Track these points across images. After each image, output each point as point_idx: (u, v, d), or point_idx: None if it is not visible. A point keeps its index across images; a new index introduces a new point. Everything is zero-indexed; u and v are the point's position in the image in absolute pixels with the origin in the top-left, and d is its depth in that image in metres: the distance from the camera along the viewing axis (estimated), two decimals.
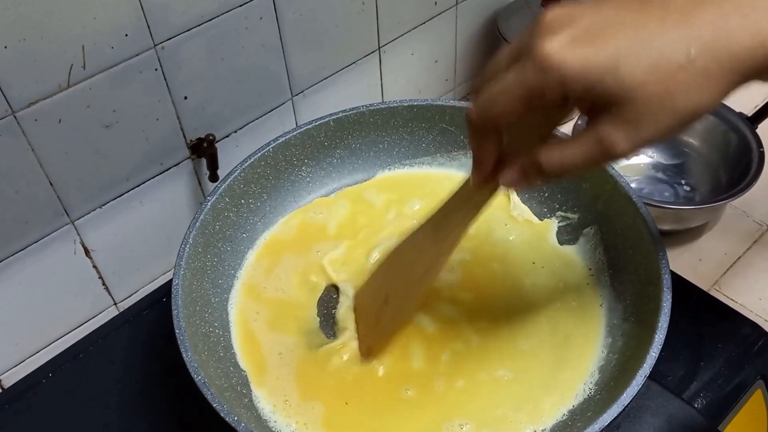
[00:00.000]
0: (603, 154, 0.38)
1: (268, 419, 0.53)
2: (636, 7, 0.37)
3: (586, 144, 0.38)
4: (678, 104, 0.36)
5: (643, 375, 0.47)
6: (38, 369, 0.62)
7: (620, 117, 0.36)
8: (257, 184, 0.64)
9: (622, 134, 0.36)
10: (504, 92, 0.38)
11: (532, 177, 0.41)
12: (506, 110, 0.38)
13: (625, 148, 0.37)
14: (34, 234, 0.59)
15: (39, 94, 0.53)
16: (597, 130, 0.37)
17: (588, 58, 0.35)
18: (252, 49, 0.65)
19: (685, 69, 0.35)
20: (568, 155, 0.39)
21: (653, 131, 0.36)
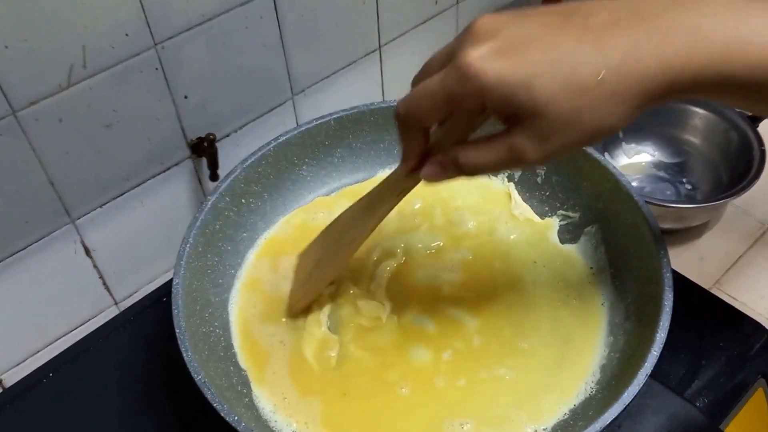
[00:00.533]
0: (513, 160, 0.41)
1: (268, 419, 0.53)
2: (558, 23, 0.39)
3: (500, 149, 0.41)
4: (585, 122, 0.38)
5: (645, 374, 0.47)
6: (39, 368, 0.62)
7: (531, 129, 0.39)
8: (258, 183, 0.64)
9: (532, 145, 0.39)
10: (428, 94, 0.40)
11: (449, 172, 0.44)
12: (428, 111, 0.41)
13: (534, 157, 0.40)
14: (34, 234, 0.59)
15: (40, 94, 0.53)
16: (510, 138, 0.40)
17: (505, 72, 0.37)
18: (252, 48, 0.65)
19: (594, 90, 0.37)
20: (483, 157, 0.42)
21: (560, 145, 0.39)
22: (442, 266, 0.62)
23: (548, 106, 0.38)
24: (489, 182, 0.68)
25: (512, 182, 0.68)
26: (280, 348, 0.57)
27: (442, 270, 0.61)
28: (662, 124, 0.81)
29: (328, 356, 0.56)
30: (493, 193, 0.67)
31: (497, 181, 0.68)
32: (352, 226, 0.55)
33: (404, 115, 0.43)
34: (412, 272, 0.61)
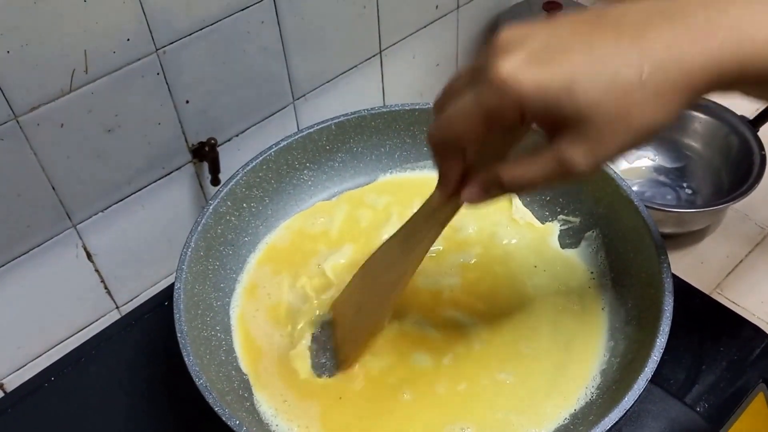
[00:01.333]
0: (563, 173, 0.38)
1: (269, 423, 0.53)
2: (589, 26, 0.37)
3: (547, 162, 0.39)
4: (633, 122, 0.37)
5: (645, 379, 0.47)
6: (40, 373, 0.62)
7: (578, 136, 0.37)
8: (259, 187, 0.64)
9: (581, 153, 0.37)
10: (463, 113, 0.39)
11: (492, 192, 0.42)
12: (466, 131, 0.39)
13: (585, 166, 0.38)
14: (36, 238, 0.59)
15: (41, 99, 0.53)
16: (557, 149, 0.38)
17: (543, 79, 0.36)
18: (253, 53, 0.65)
19: (638, 88, 0.36)
20: (529, 172, 0.40)
21: (611, 149, 0.37)
22: (443, 271, 0.62)
23: (594, 108, 0.36)
24: None
25: None
26: (278, 353, 0.57)
27: (442, 275, 0.61)
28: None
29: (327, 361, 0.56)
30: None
31: None
32: (391, 266, 0.51)
33: (440, 140, 0.41)
34: (413, 278, 0.61)
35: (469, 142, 0.40)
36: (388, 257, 0.52)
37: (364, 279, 0.55)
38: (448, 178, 0.44)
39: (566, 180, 0.39)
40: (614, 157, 0.38)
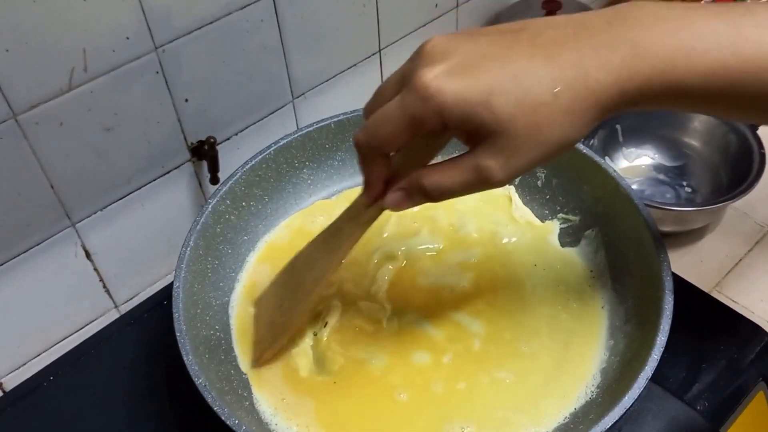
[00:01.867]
0: (480, 182, 0.40)
1: (269, 422, 0.53)
2: (508, 42, 0.39)
3: (465, 171, 0.41)
4: (546, 137, 0.39)
5: (645, 377, 0.47)
6: (40, 372, 0.62)
7: (494, 147, 0.39)
8: (258, 186, 0.64)
9: (497, 164, 0.39)
10: (387, 119, 0.40)
11: (415, 198, 0.44)
12: (389, 137, 0.41)
13: (500, 176, 0.40)
14: (35, 237, 0.59)
15: (40, 97, 0.53)
16: (474, 159, 0.40)
17: (463, 90, 0.38)
18: (253, 51, 0.65)
19: (550, 104, 0.38)
20: (448, 180, 0.41)
21: (525, 161, 0.39)
22: (443, 270, 0.62)
23: (509, 122, 0.38)
24: None
25: (512, 185, 0.68)
26: (280, 351, 0.57)
27: (442, 273, 0.61)
28: (662, 127, 0.81)
29: (327, 360, 0.56)
30: (494, 196, 0.67)
31: None
32: (314, 264, 0.52)
33: (365, 143, 0.42)
34: (412, 275, 0.61)
35: (393, 147, 0.42)
36: (311, 256, 0.53)
37: (287, 276, 0.56)
38: (372, 182, 0.45)
39: (483, 188, 0.41)
40: (528, 168, 0.40)
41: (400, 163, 0.45)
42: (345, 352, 0.56)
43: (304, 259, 0.54)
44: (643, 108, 0.40)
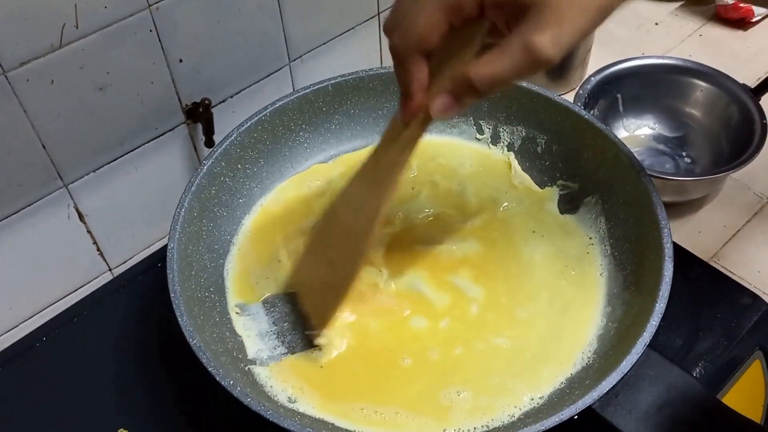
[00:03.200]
0: (531, 61, 0.38)
1: (263, 384, 0.52)
2: None
3: (514, 53, 0.38)
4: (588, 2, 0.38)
5: (643, 344, 0.47)
6: (31, 333, 0.61)
7: (540, 20, 0.37)
8: (254, 149, 0.63)
9: (545, 38, 0.38)
10: (423, 11, 0.39)
11: (464, 97, 0.41)
12: (428, 29, 0.39)
13: (551, 51, 0.38)
14: (27, 197, 0.58)
15: (31, 54, 0.52)
16: (521, 38, 0.38)
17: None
18: (249, 11, 0.63)
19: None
20: (497, 67, 0.39)
21: (572, 30, 0.38)
22: (441, 235, 0.61)
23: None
24: (489, 151, 0.68)
25: (512, 151, 0.67)
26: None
27: (440, 238, 0.61)
28: (663, 97, 0.80)
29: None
30: (493, 162, 0.67)
31: (497, 150, 0.68)
32: (361, 204, 0.49)
33: (401, 42, 0.41)
34: (410, 240, 0.61)
35: (431, 43, 0.40)
36: (354, 201, 0.50)
37: (329, 232, 0.52)
38: (412, 92, 0.43)
39: (535, 70, 0.39)
40: (577, 40, 0.38)
41: (437, 69, 0.42)
42: (340, 315, 0.56)
43: (345, 206, 0.50)
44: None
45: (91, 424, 0.55)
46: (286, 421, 0.45)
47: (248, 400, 0.45)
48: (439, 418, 0.50)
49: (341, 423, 0.50)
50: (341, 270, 0.51)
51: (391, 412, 0.51)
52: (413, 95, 0.43)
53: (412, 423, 0.50)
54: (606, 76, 0.77)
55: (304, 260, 0.55)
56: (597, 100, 0.77)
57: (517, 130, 0.67)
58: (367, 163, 0.48)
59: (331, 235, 0.52)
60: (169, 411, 0.56)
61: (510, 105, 0.66)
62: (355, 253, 0.50)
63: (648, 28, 0.98)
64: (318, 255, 0.54)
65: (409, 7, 0.40)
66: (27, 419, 0.56)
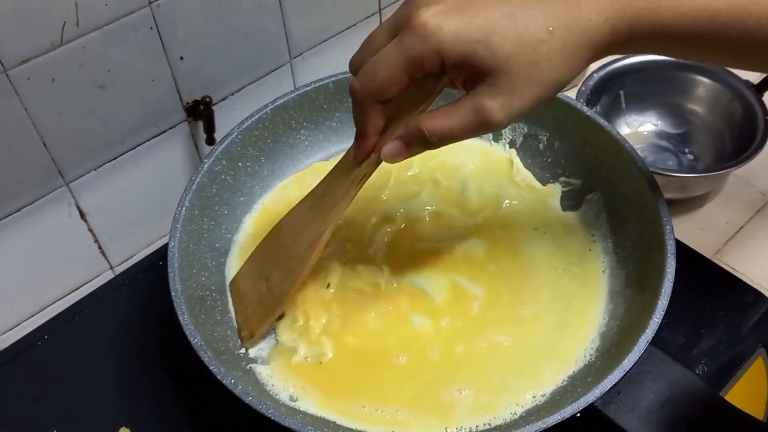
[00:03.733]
0: (480, 123, 0.41)
1: (265, 383, 0.52)
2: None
3: (465, 113, 0.41)
4: (543, 75, 0.40)
5: (646, 341, 0.47)
6: (33, 331, 0.61)
7: (493, 87, 0.39)
8: (255, 147, 0.63)
9: (496, 104, 0.40)
10: (386, 63, 0.40)
11: (414, 146, 0.43)
12: (389, 80, 0.40)
13: (500, 117, 0.40)
14: (28, 196, 0.58)
15: (31, 52, 0.52)
16: (474, 100, 0.40)
17: (461, 27, 0.38)
18: (250, 8, 0.63)
19: (546, 42, 0.39)
20: (447, 123, 0.41)
21: (524, 101, 0.40)
22: (443, 232, 0.61)
23: (507, 60, 0.39)
24: (490, 148, 0.67)
25: (514, 148, 0.67)
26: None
27: (442, 236, 0.61)
28: (666, 94, 0.80)
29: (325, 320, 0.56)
30: (495, 159, 0.66)
31: (498, 147, 0.67)
32: (304, 229, 0.51)
33: (361, 90, 0.42)
34: (411, 238, 0.61)
35: (390, 93, 0.41)
36: (299, 223, 0.51)
37: (271, 248, 0.54)
38: (367, 135, 0.45)
39: (483, 131, 0.41)
40: (526, 110, 0.40)
41: (393, 114, 0.44)
42: (342, 315, 0.56)
43: (290, 226, 0.52)
44: (634, 50, 0.42)
45: (93, 422, 0.55)
46: (288, 419, 0.45)
47: (249, 398, 0.45)
48: (440, 416, 0.50)
49: (343, 421, 0.50)
50: (276, 289, 0.53)
51: (393, 410, 0.51)
52: (368, 138, 0.45)
53: (414, 421, 0.50)
54: (608, 72, 0.77)
55: (243, 270, 0.57)
56: (599, 96, 0.77)
57: (518, 127, 0.66)
58: (318, 188, 0.50)
59: (271, 252, 0.54)
60: (171, 410, 0.56)
61: None
62: (291, 276, 0.52)
63: None
64: (257, 268, 0.55)
65: (373, 54, 0.41)
66: (28, 418, 0.56)
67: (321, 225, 0.50)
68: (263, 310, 0.54)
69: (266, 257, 0.55)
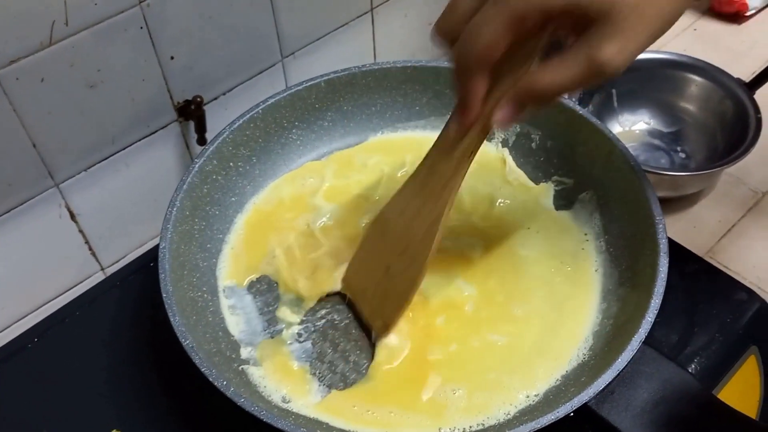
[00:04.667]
0: (595, 72, 0.38)
1: (257, 384, 0.52)
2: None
3: (578, 62, 0.38)
4: (655, 11, 0.38)
5: (639, 340, 0.47)
6: (24, 333, 0.61)
7: (605, 31, 0.37)
8: (246, 146, 0.63)
9: (611, 49, 0.37)
10: (487, 22, 0.38)
11: (525, 106, 0.41)
12: (490, 42, 0.38)
13: (617, 62, 0.37)
14: (17, 196, 0.58)
15: (20, 52, 0.51)
16: (586, 48, 0.38)
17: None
18: (241, 7, 0.63)
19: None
20: (560, 76, 0.39)
21: (639, 41, 0.38)
22: None
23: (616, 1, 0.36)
24: (483, 148, 0.67)
25: (506, 147, 0.67)
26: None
27: None
28: (658, 92, 0.80)
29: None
30: (487, 158, 0.66)
31: (491, 146, 0.67)
32: (416, 215, 0.49)
33: (463, 55, 0.40)
34: None
35: (494, 56, 0.39)
36: (407, 210, 0.49)
37: (383, 237, 0.52)
38: (471, 102, 0.42)
39: (600, 80, 0.39)
40: (641, 49, 0.38)
41: (496, 77, 0.42)
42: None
43: (396, 215, 0.50)
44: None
45: (84, 424, 0.55)
46: (280, 421, 0.44)
47: (242, 400, 0.45)
48: (434, 417, 0.50)
49: (335, 423, 0.50)
50: (400, 277, 0.51)
51: (385, 411, 0.50)
52: (472, 107, 0.43)
53: (407, 421, 0.50)
54: None
55: (353, 268, 0.55)
56: (591, 95, 0.77)
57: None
58: (419, 173, 0.48)
59: (383, 244, 0.53)
60: (162, 411, 0.55)
61: None
62: (416, 261, 0.50)
63: None
64: (369, 263, 0.54)
65: (475, 18, 0.39)
66: (19, 419, 0.55)
67: (435, 207, 0.48)
68: (393, 300, 0.52)
69: (378, 250, 0.53)
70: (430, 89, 0.67)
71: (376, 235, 0.53)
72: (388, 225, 0.52)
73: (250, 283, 0.58)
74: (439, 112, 0.67)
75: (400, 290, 0.52)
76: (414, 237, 0.49)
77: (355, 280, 0.56)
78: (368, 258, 0.54)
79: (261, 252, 0.60)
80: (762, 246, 0.72)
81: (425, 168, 0.48)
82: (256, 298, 0.58)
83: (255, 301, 0.58)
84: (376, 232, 0.53)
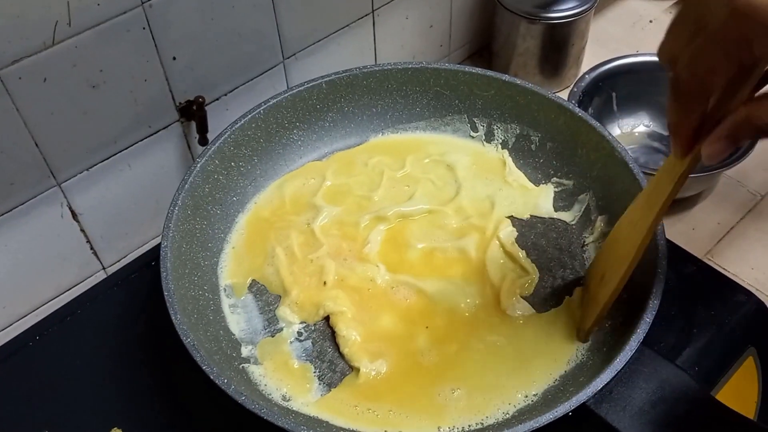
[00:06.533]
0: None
1: (258, 382, 0.52)
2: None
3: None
4: None
5: (637, 341, 0.47)
6: (25, 331, 0.61)
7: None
8: (248, 146, 0.63)
9: None
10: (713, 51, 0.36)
11: (742, 139, 0.39)
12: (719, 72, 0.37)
13: None
14: (20, 196, 0.58)
15: (23, 52, 0.51)
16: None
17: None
18: (243, 8, 0.63)
19: None
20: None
21: None
22: (435, 233, 0.61)
23: None
24: (483, 149, 0.68)
25: (506, 149, 0.67)
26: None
27: (434, 236, 0.61)
28: (658, 95, 0.80)
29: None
30: (487, 159, 0.67)
31: (491, 147, 0.68)
32: (634, 226, 0.49)
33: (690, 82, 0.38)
34: (405, 238, 0.61)
35: (715, 86, 0.38)
36: (632, 218, 0.50)
37: (609, 246, 0.53)
38: (684, 131, 0.41)
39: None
40: None
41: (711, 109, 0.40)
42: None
43: (624, 225, 0.51)
44: None
45: (85, 423, 0.55)
46: (281, 419, 0.45)
47: (242, 398, 0.45)
48: (433, 416, 0.50)
49: (335, 421, 0.50)
50: (608, 283, 0.51)
51: (385, 409, 0.51)
52: (684, 136, 0.42)
53: (407, 421, 0.50)
54: (600, 73, 0.77)
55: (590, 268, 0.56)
56: (591, 97, 0.77)
57: (511, 127, 0.67)
58: (649, 185, 0.49)
59: (609, 252, 0.53)
60: (163, 410, 0.55)
61: (504, 103, 0.66)
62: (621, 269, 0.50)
63: (642, 26, 0.98)
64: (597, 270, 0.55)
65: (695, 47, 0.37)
66: (20, 418, 0.56)
67: (646, 223, 0.48)
68: (597, 306, 0.52)
69: (605, 257, 0.54)
70: (430, 91, 0.67)
71: (608, 245, 0.54)
72: (616, 235, 0.53)
73: (251, 282, 0.59)
74: (439, 113, 0.68)
75: (604, 297, 0.51)
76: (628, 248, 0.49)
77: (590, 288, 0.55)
78: (597, 264, 0.55)
79: (262, 251, 0.60)
80: (760, 248, 0.72)
81: (652, 183, 0.49)
82: (256, 297, 0.58)
83: (256, 300, 0.58)
84: (609, 242, 0.54)
